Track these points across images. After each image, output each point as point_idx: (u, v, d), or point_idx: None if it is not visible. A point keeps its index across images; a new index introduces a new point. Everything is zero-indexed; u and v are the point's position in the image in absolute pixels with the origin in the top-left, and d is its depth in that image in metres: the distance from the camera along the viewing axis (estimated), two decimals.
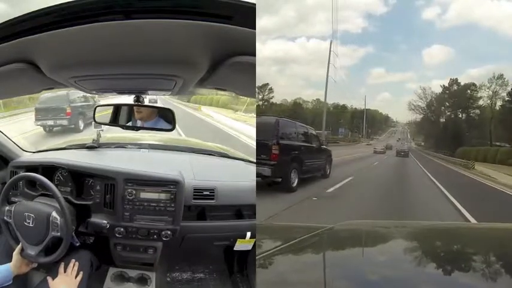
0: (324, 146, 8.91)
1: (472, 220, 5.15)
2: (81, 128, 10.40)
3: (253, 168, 2.59)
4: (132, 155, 2.50)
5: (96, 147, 2.42)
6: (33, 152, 2.41)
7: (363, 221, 1.90)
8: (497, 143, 24.82)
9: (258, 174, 5.67)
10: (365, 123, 34.90)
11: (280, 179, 6.30)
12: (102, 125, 2.10)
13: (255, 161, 2.82)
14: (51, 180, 1.95)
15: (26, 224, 1.72)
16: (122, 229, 1.93)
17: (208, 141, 3.40)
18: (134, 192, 1.93)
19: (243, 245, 2.19)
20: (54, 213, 1.72)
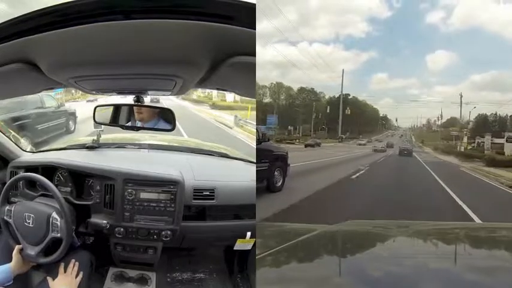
0: (273, 144, 6.25)
1: None
2: None
3: (253, 168, 2.59)
4: (132, 155, 2.50)
5: (96, 147, 2.42)
6: (33, 152, 2.41)
7: (363, 220, 1.89)
8: None
9: None
10: (341, 116, 23.06)
11: None
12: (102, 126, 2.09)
13: (255, 161, 2.82)
14: (51, 180, 1.95)
15: (26, 224, 1.72)
16: (122, 229, 1.93)
17: None
18: (134, 192, 1.93)
19: (243, 244, 2.19)
20: (54, 214, 1.72)
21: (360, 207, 5.50)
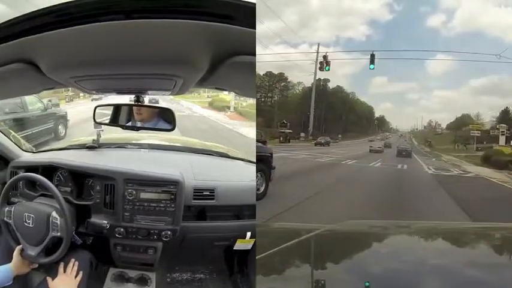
0: (256, 143, 5.03)
1: None
2: None
3: (253, 168, 2.60)
4: (132, 155, 2.50)
5: (96, 147, 2.42)
6: (33, 152, 2.41)
7: (363, 221, 1.90)
8: None
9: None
10: (312, 108, 17.11)
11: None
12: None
13: (254, 161, 2.82)
14: (51, 180, 1.95)
15: (26, 224, 1.72)
16: (122, 229, 1.93)
17: None
18: (134, 192, 1.93)
19: (243, 244, 2.19)
20: (54, 214, 1.72)
21: None
